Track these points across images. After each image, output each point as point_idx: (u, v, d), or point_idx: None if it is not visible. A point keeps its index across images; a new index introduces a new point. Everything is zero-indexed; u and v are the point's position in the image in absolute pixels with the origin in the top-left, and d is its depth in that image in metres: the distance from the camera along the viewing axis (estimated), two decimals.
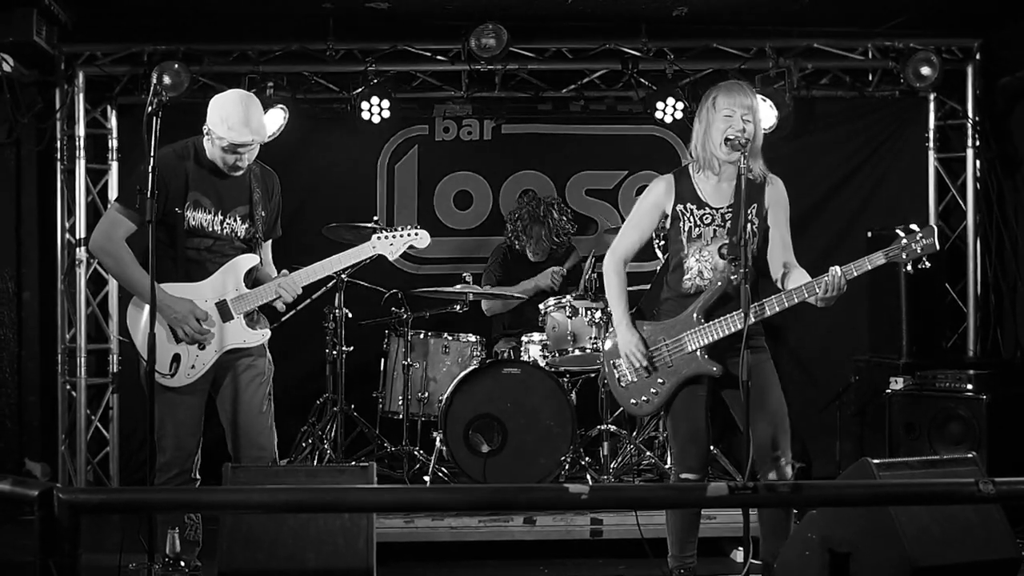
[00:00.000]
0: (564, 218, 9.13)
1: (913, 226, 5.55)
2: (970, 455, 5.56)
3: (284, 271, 6.15)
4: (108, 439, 9.43)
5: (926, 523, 5.05)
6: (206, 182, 6.01)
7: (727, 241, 5.78)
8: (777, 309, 5.66)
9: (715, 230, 5.83)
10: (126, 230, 5.97)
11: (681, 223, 5.86)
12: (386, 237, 6.37)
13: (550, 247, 9.08)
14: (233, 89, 6.30)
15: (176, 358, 5.94)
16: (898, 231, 5.58)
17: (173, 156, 5.92)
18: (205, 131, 5.96)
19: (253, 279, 6.16)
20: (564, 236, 9.11)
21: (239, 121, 5.89)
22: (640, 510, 6.54)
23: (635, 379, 5.96)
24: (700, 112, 5.93)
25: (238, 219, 6.09)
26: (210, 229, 5.99)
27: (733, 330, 5.67)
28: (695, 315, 5.80)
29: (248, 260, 6.13)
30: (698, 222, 5.83)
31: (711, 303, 5.80)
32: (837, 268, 5.55)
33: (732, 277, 5.70)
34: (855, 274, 5.58)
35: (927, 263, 5.56)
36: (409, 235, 6.43)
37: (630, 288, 6.05)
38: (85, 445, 9.26)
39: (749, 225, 5.73)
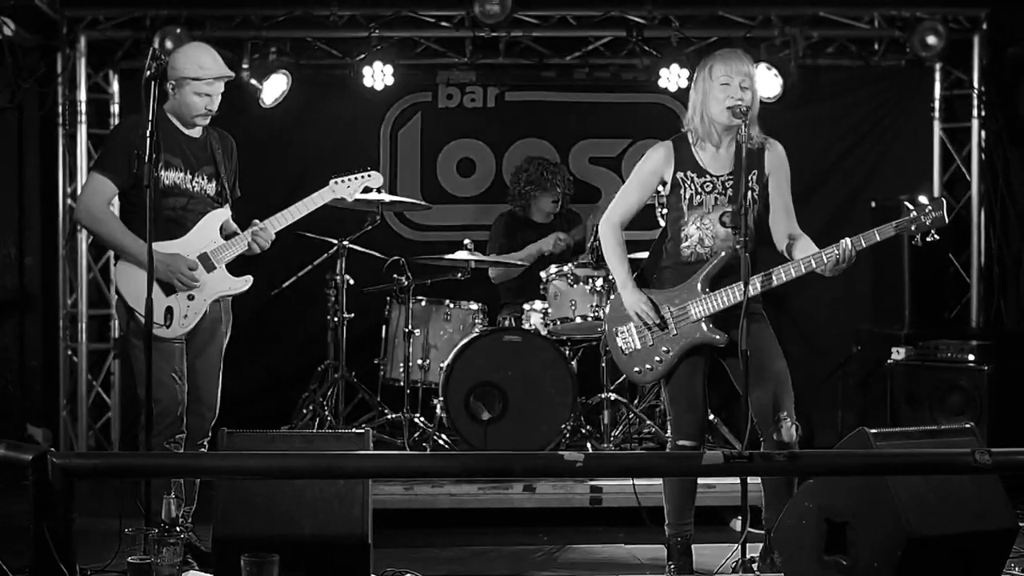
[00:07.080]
0: (567, 180, 9.05)
1: (922, 198, 5.57)
2: (968, 425, 5.55)
3: (255, 220, 6.37)
4: (109, 405, 9.45)
5: (922, 493, 5.03)
6: (173, 144, 6.23)
7: (728, 209, 5.76)
8: (784, 279, 5.65)
9: (716, 198, 5.80)
10: (111, 194, 6.20)
11: (682, 191, 5.84)
12: (343, 181, 6.69)
13: (555, 211, 9.02)
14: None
15: (169, 311, 6.12)
16: (907, 204, 5.57)
17: (142, 122, 6.00)
18: (171, 87, 6.22)
19: (226, 233, 6.38)
20: (567, 197, 9.04)
21: (211, 59, 6.27)
22: (635, 478, 6.54)
23: (639, 347, 5.94)
24: (696, 83, 5.89)
25: (206, 178, 6.33)
26: (183, 187, 6.22)
27: (738, 299, 5.64)
28: (699, 284, 5.79)
29: (221, 214, 6.38)
30: (699, 190, 5.81)
31: (715, 272, 5.79)
32: (847, 240, 5.54)
33: (735, 246, 5.68)
34: (864, 245, 5.57)
35: (936, 236, 5.55)
36: (362, 177, 6.76)
37: (634, 256, 6.05)
38: (87, 411, 9.27)
39: (750, 193, 5.72)
